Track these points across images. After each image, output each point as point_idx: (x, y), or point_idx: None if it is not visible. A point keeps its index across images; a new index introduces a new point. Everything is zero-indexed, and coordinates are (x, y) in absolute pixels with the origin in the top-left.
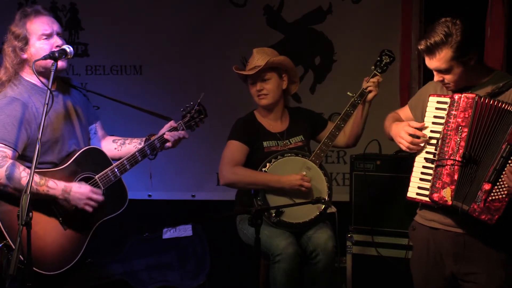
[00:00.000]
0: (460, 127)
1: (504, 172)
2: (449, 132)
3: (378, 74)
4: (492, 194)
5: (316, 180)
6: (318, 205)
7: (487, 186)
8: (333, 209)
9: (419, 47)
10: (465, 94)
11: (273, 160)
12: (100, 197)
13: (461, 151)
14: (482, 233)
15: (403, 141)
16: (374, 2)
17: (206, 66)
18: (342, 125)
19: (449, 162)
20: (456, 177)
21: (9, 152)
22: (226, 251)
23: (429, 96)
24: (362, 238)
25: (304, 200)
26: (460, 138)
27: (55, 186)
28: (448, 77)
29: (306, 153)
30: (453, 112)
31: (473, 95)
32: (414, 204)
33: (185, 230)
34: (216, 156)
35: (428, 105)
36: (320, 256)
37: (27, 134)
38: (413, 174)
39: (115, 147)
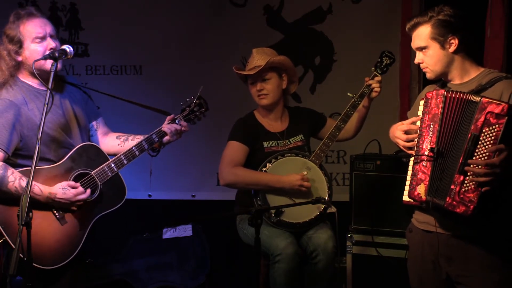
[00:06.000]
0: (432, 123)
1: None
2: (423, 129)
3: (378, 75)
4: (464, 185)
5: (316, 180)
6: (318, 205)
7: (459, 178)
8: (333, 209)
9: (407, 27)
10: (436, 91)
11: (273, 160)
12: (84, 196)
13: (432, 146)
14: (474, 236)
15: (399, 140)
16: (374, 2)
17: (206, 66)
18: (342, 126)
19: (423, 158)
20: (429, 172)
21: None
22: (226, 251)
23: (420, 100)
24: (362, 238)
25: (304, 200)
26: (431, 133)
27: (40, 193)
28: (426, 59)
29: (306, 153)
30: (426, 110)
31: (443, 91)
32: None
33: (185, 230)
34: (216, 156)
35: (419, 108)
36: (320, 256)
37: (18, 136)
38: (407, 178)
39: (118, 143)
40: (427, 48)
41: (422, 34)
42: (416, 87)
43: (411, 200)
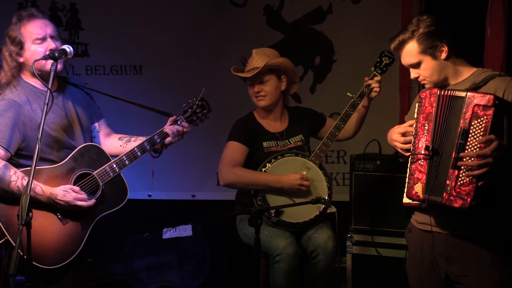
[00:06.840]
0: (426, 123)
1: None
2: (418, 129)
3: (378, 75)
4: (459, 179)
5: (316, 180)
6: (318, 205)
7: (453, 173)
8: (333, 209)
9: (391, 46)
10: (429, 90)
11: (273, 161)
12: (84, 204)
13: (427, 145)
14: (473, 236)
15: (397, 143)
16: (374, 2)
17: (206, 66)
18: (342, 126)
19: (419, 157)
20: (425, 171)
21: (1, 152)
22: (226, 251)
23: (416, 103)
24: (362, 238)
25: (304, 200)
26: (426, 132)
27: (41, 193)
28: (422, 72)
29: (306, 153)
30: (421, 109)
31: (436, 90)
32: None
33: (185, 230)
34: (216, 156)
35: (415, 111)
36: (320, 256)
37: (21, 135)
38: (406, 179)
39: (120, 144)
40: (421, 63)
41: (411, 52)
42: (416, 87)
43: (411, 201)
